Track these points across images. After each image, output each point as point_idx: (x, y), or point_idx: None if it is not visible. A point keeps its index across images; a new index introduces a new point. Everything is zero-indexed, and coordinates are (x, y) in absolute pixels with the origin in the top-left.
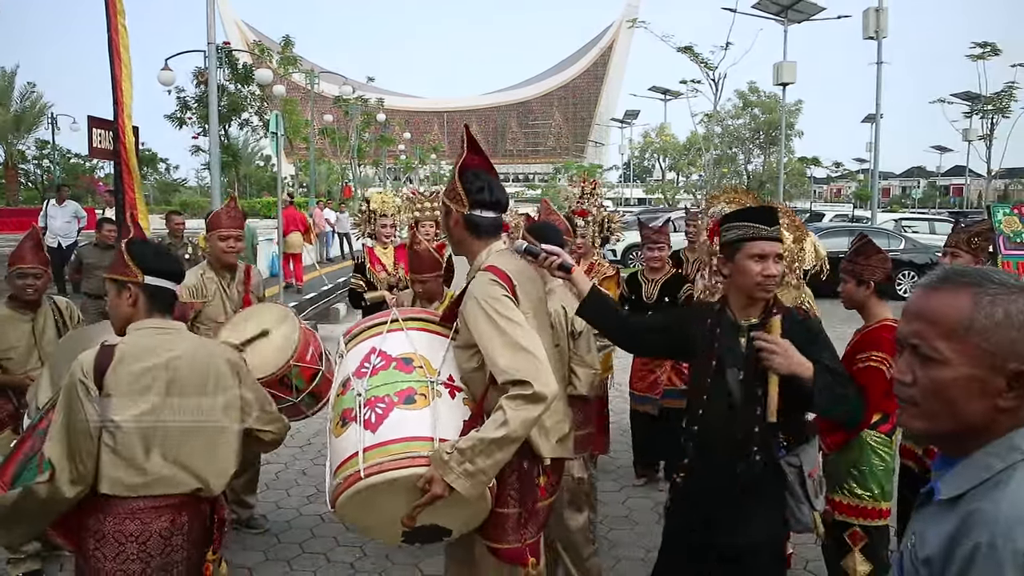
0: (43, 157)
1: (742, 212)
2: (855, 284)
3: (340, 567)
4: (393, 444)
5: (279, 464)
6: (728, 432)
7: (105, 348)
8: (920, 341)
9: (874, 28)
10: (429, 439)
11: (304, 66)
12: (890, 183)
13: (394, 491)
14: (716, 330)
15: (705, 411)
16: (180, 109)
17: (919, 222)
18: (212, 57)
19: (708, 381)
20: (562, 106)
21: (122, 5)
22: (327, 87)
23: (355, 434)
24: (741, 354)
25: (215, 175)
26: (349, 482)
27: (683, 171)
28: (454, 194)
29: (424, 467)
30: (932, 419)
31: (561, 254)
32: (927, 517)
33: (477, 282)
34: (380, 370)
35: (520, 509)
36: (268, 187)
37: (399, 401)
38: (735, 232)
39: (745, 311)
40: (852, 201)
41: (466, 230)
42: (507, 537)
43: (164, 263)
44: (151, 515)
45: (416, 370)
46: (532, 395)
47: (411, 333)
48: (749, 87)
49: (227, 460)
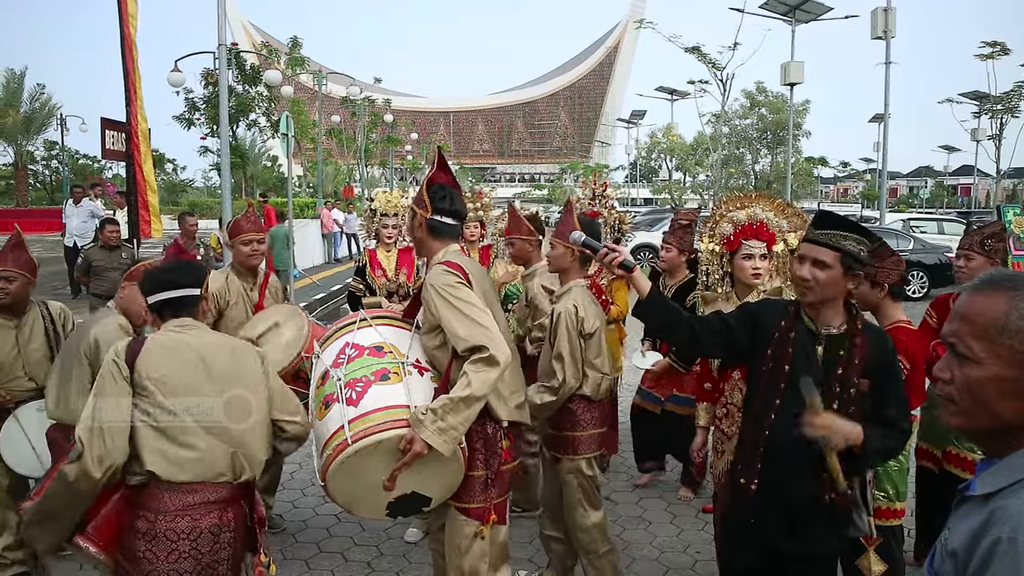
0: (52, 158)
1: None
2: (869, 286)
3: (357, 566)
4: (374, 413)
5: (294, 464)
6: (799, 446)
7: (137, 339)
8: (957, 341)
9: (882, 28)
10: (406, 406)
11: (311, 67)
12: (897, 183)
13: (379, 454)
14: (791, 334)
15: (777, 418)
16: (188, 110)
17: (927, 222)
18: (223, 58)
19: (782, 387)
20: (568, 106)
21: (135, 7)
22: (334, 88)
23: (338, 411)
24: (818, 365)
25: (225, 176)
26: (338, 450)
27: (690, 171)
28: (420, 200)
29: (405, 428)
30: (968, 417)
31: (623, 253)
32: (961, 512)
33: (433, 273)
34: (355, 358)
35: (487, 471)
36: (275, 187)
37: (375, 379)
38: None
39: (823, 318)
40: (860, 201)
41: (427, 232)
42: (475, 498)
43: (167, 281)
44: (201, 511)
45: (387, 355)
46: (489, 358)
47: (379, 328)
48: (757, 87)
49: (259, 447)
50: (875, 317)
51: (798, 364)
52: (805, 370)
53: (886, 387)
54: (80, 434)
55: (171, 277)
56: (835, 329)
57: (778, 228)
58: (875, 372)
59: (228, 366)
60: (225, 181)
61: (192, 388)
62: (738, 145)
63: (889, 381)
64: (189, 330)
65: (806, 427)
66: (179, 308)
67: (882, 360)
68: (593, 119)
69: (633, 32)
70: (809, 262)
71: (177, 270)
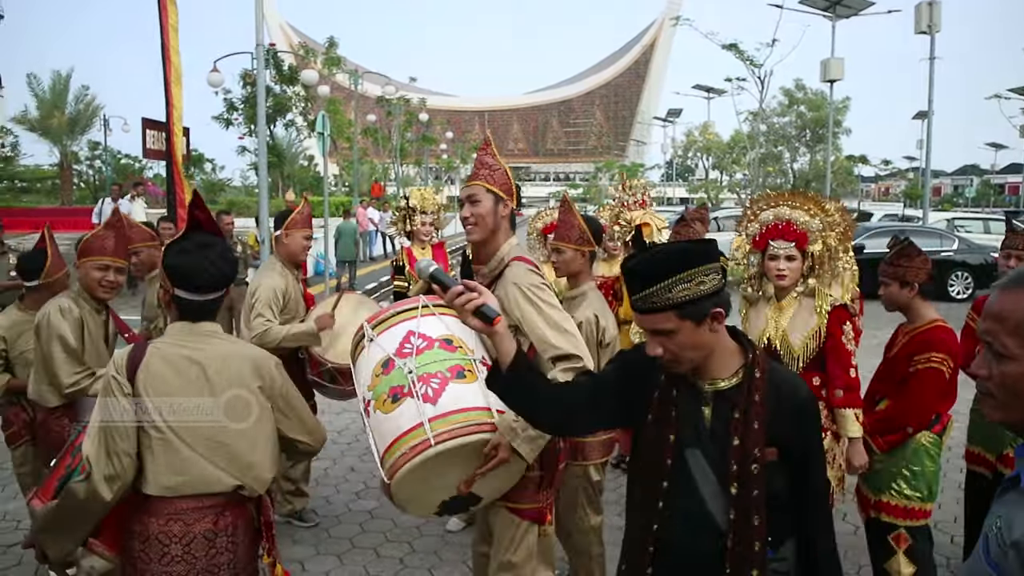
0: (95, 158)
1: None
2: (899, 286)
3: (389, 562)
4: (455, 414)
5: (328, 460)
6: (695, 538)
7: (138, 347)
8: (992, 338)
9: (927, 22)
10: (486, 408)
11: (347, 66)
12: (941, 181)
13: (458, 457)
14: (672, 391)
15: (666, 506)
16: (227, 110)
17: (972, 221)
18: (260, 59)
19: (668, 463)
20: (603, 105)
21: (175, 7)
22: (370, 87)
23: (414, 407)
24: (706, 431)
25: (262, 175)
26: (416, 450)
27: (727, 170)
28: (510, 190)
29: (490, 433)
30: (1007, 410)
31: (484, 296)
32: (1013, 503)
33: (516, 271)
34: (425, 350)
35: (542, 472)
36: (312, 186)
37: (451, 376)
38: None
39: (708, 370)
40: (902, 200)
41: (509, 220)
42: (529, 498)
43: (198, 277)
44: (194, 516)
45: (458, 349)
46: (583, 368)
47: (444, 318)
48: (795, 84)
49: (263, 463)
50: (905, 316)
51: (684, 434)
52: (692, 441)
53: (803, 465)
54: (88, 454)
55: (207, 281)
56: (723, 381)
57: (807, 228)
58: (785, 437)
59: (226, 381)
60: (262, 180)
61: (191, 405)
62: (776, 143)
63: (807, 456)
64: (196, 337)
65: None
66: (200, 312)
67: (796, 419)
68: (629, 118)
69: (669, 29)
70: (655, 338)
71: (207, 267)
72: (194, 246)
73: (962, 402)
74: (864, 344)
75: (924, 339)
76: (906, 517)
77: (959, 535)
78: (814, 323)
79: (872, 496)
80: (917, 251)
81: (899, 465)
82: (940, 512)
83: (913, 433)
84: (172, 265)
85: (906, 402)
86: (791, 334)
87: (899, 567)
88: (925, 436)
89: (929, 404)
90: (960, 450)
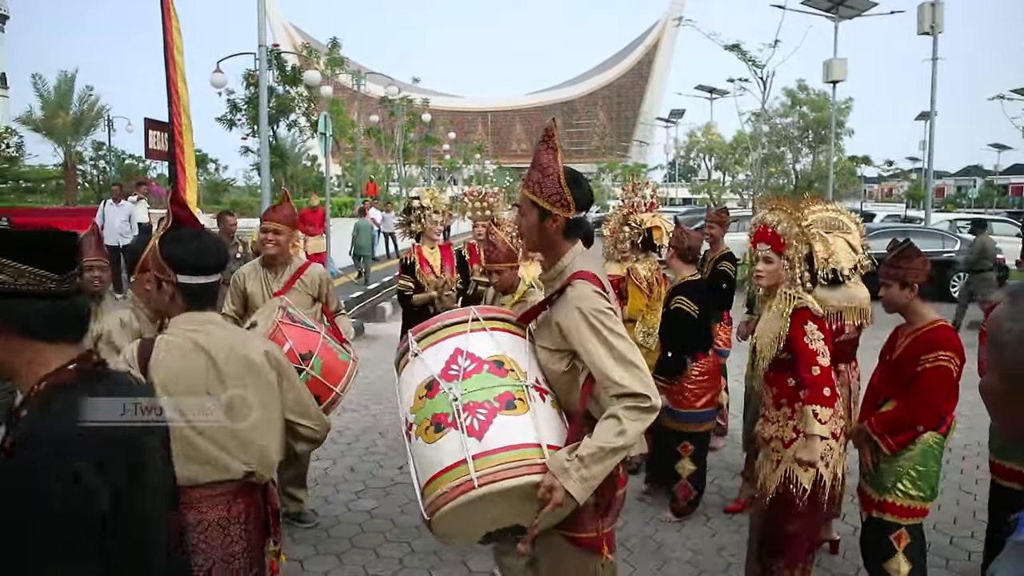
0: (99, 158)
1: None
2: (899, 287)
3: (389, 562)
4: (502, 452)
5: (328, 460)
6: None
7: (146, 341)
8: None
9: (929, 23)
10: (537, 445)
11: (350, 67)
12: (944, 182)
13: (503, 499)
14: None
15: None
16: (230, 111)
17: None
18: (263, 59)
19: None
20: (606, 105)
21: (175, 10)
22: (373, 88)
23: (457, 440)
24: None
25: (265, 175)
26: (458, 491)
27: (729, 170)
28: (563, 199)
29: (539, 474)
30: (1001, 426)
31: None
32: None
33: (580, 291)
34: (473, 373)
35: (598, 499)
36: (314, 186)
37: (500, 407)
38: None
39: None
40: (904, 201)
41: (562, 234)
42: (586, 527)
43: (198, 259)
44: (207, 504)
45: (509, 373)
46: (650, 407)
47: (495, 334)
48: (798, 85)
49: (270, 448)
50: (906, 318)
51: None
52: None
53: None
54: None
55: (208, 262)
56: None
57: (784, 232)
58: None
59: (234, 369)
60: (265, 180)
61: (200, 392)
62: (778, 144)
63: None
64: (203, 325)
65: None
66: (206, 296)
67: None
68: (632, 118)
69: (672, 30)
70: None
71: (204, 250)
72: (187, 234)
73: (963, 403)
74: (864, 344)
75: (929, 339)
76: (908, 516)
77: (959, 535)
78: (779, 326)
79: (876, 496)
80: (916, 252)
81: (905, 466)
82: (940, 512)
83: (923, 432)
84: (171, 253)
85: (916, 401)
86: (762, 336)
87: (898, 566)
88: (932, 437)
89: (939, 402)
90: (960, 451)
